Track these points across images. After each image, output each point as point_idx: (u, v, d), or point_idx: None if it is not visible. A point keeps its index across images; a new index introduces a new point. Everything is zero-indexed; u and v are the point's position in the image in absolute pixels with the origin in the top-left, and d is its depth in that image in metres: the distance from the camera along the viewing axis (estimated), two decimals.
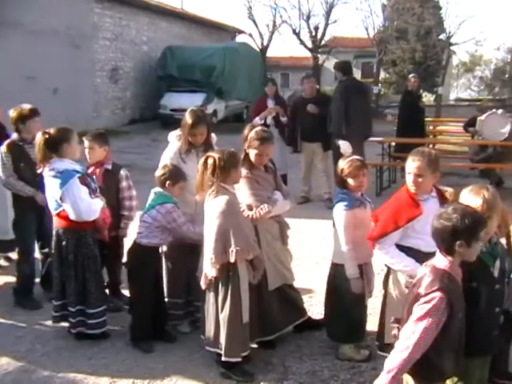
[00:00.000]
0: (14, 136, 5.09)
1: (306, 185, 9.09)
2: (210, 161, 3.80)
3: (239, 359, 3.89)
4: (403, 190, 3.64)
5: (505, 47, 29.16)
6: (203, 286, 3.95)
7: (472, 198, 2.87)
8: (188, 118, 4.46)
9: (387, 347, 3.68)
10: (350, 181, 3.95)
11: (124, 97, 21.02)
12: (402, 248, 3.60)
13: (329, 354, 4.23)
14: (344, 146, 7.78)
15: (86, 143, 4.79)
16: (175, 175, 4.33)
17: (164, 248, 4.52)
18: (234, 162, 3.86)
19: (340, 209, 3.95)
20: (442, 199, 3.59)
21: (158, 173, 4.36)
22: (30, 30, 16.08)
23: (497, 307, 2.94)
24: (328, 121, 8.14)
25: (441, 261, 2.69)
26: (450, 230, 2.59)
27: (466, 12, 39.60)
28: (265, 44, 28.90)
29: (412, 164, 3.48)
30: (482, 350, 2.95)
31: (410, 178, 3.51)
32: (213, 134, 4.68)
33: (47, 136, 4.27)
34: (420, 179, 3.47)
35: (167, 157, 4.55)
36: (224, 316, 3.83)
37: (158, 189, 4.37)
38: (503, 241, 3.16)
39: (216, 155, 3.82)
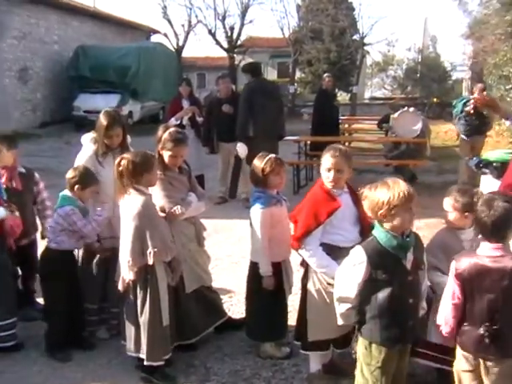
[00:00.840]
0: None
1: (223, 185, 9.11)
2: (123, 163, 3.74)
3: (161, 363, 3.84)
4: (317, 186, 3.68)
5: (415, 48, 30.33)
6: (121, 290, 3.87)
7: (385, 192, 2.92)
8: (103, 120, 4.34)
9: (310, 345, 3.76)
10: (273, 178, 3.96)
11: (34, 98, 20.21)
12: (320, 245, 3.62)
13: (250, 353, 4.24)
14: (240, 148, 7.84)
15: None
16: (85, 179, 4.20)
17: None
18: (148, 164, 3.80)
19: (257, 207, 3.96)
20: (354, 195, 3.66)
21: (69, 175, 4.22)
22: None
23: (411, 298, 3.01)
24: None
25: None
26: None
27: (379, 13, 40.96)
28: (180, 44, 28.70)
29: (331, 160, 3.53)
30: (397, 340, 3.02)
31: (329, 174, 3.54)
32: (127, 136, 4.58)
33: None
34: (340, 174, 3.54)
35: (82, 160, 4.40)
36: (144, 319, 3.77)
37: (65, 192, 4.24)
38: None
39: (129, 157, 3.76)
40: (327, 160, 3.56)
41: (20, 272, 4.83)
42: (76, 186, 4.18)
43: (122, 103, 18.86)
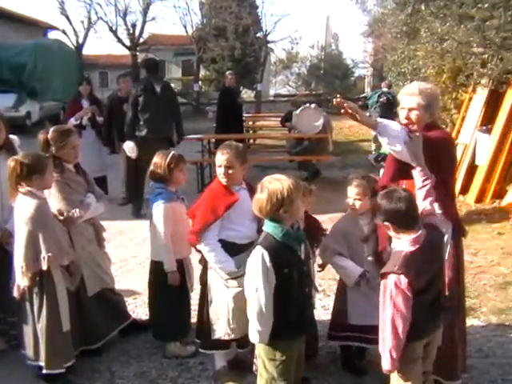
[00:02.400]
0: None
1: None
2: (12, 164, 3.65)
3: (62, 370, 3.75)
4: (215, 182, 3.75)
5: (318, 45, 31.05)
6: (16, 297, 3.74)
7: (276, 184, 2.96)
8: None
9: (211, 344, 3.77)
10: (177, 174, 4.00)
11: None
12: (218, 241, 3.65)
13: (156, 354, 4.22)
14: (128, 147, 7.74)
15: None
16: None
17: None
18: (40, 166, 3.70)
19: (159, 202, 3.96)
20: (252, 191, 3.73)
21: None
22: None
23: (306, 287, 3.11)
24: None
25: None
26: None
27: (282, 11, 41.63)
28: (80, 41, 27.82)
29: (221, 157, 3.60)
30: (299, 330, 3.10)
31: (220, 171, 3.62)
32: (15, 137, 4.41)
33: None
34: (230, 171, 3.59)
35: None
36: (42, 326, 3.68)
37: None
38: None
39: (19, 158, 3.66)
40: (218, 157, 3.64)
41: None
42: None
43: (18, 103, 18.00)
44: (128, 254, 6.52)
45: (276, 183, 2.93)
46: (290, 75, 31.85)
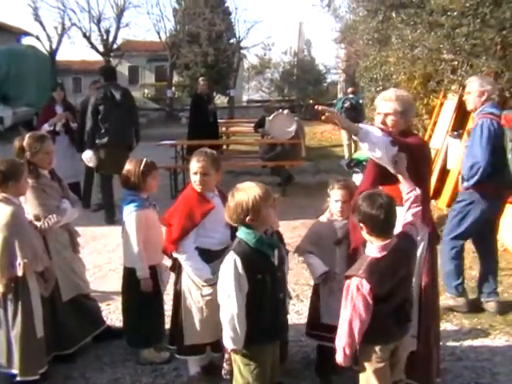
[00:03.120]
0: None
1: (99, 192, 8.88)
2: None
3: (36, 377, 3.73)
4: (188, 189, 3.74)
5: (291, 51, 31.14)
6: None
7: (242, 194, 3.00)
8: None
9: (186, 350, 3.77)
10: (150, 181, 4.00)
11: None
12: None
13: (130, 361, 4.21)
14: (87, 156, 7.73)
15: None
16: None
17: None
18: (15, 172, 3.70)
19: (131, 210, 3.95)
20: (224, 198, 3.75)
21: None
22: None
23: (280, 293, 3.12)
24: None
25: None
26: None
27: (255, 18, 41.75)
28: (54, 47, 27.59)
29: (197, 164, 3.60)
30: (273, 336, 3.12)
31: (195, 178, 3.62)
32: None
33: None
34: (206, 178, 3.61)
35: None
36: (16, 333, 3.66)
37: None
38: None
39: None
40: (193, 164, 3.63)
41: None
42: None
43: None
44: (102, 259, 6.49)
45: (242, 193, 2.98)
46: (263, 81, 31.83)
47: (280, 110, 10.60)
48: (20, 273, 3.59)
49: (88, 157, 7.71)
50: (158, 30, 28.24)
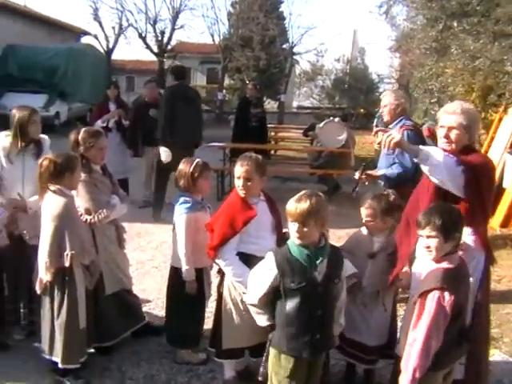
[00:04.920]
0: None
1: (147, 189, 9.04)
2: (45, 163, 3.72)
3: (77, 366, 3.79)
4: (233, 195, 3.69)
5: (344, 58, 30.95)
6: (38, 291, 3.80)
7: (293, 204, 2.96)
8: (20, 114, 4.30)
9: (224, 353, 3.76)
10: (201, 182, 3.98)
11: None
12: (237, 254, 3.60)
13: (166, 358, 4.23)
14: (164, 153, 7.77)
15: None
16: None
17: None
18: (71, 166, 3.79)
19: (182, 211, 3.95)
20: (270, 203, 3.73)
21: None
22: None
23: (319, 310, 3.00)
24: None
25: None
26: None
27: (309, 24, 41.53)
28: (110, 47, 28.25)
29: (240, 169, 3.55)
30: (303, 351, 3.01)
31: (239, 182, 3.57)
32: (46, 137, 4.51)
33: None
34: (249, 183, 3.55)
35: None
36: (60, 322, 3.72)
37: None
38: None
39: (51, 157, 3.75)
40: (237, 168, 3.58)
41: None
42: None
43: (49, 103, 18.52)
44: (145, 256, 6.56)
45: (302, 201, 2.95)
46: (314, 88, 31.69)
47: (331, 118, 10.51)
48: (67, 263, 3.64)
49: (165, 154, 7.77)
50: (211, 33, 28.50)
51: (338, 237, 6.92)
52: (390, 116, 5.22)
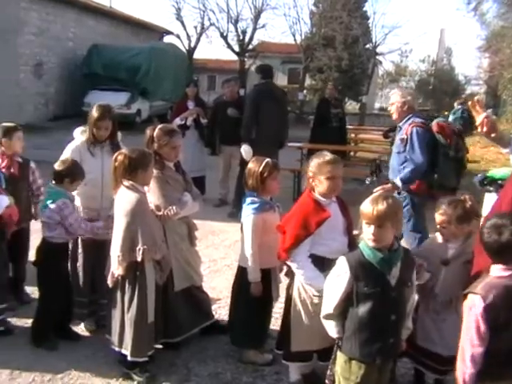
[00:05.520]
0: None
1: (223, 188, 9.11)
2: (120, 158, 3.78)
3: (145, 359, 3.86)
4: (305, 196, 3.63)
5: (429, 59, 30.15)
6: (110, 284, 3.89)
7: (369, 205, 2.89)
8: (94, 112, 4.44)
9: (292, 356, 3.72)
10: (270, 183, 3.92)
11: (48, 92, 20.48)
12: (309, 256, 3.55)
13: (232, 357, 4.23)
14: (245, 150, 7.74)
15: (21, 135, 4.80)
16: (75, 172, 4.22)
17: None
18: (145, 162, 3.83)
19: (249, 212, 3.92)
20: (342, 204, 3.66)
21: (58, 168, 4.23)
22: None
23: (393, 315, 2.93)
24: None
25: None
26: None
27: (393, 23, 40.62)
28: (192, 46, 28.81)
29: (340, 167, 3.53)
30: (376, 357, 2.96)
31: (335, 183, 3.51)
32: (118, 132, 4.63)
33: None
34: (339, 182, 3.54)
35: (68, 151, 4.49)
36: (130, 316, 3.79)
37: (52, 185, 4.26)
38: None
39: (126, 153, 3.80)
40: (337, 168, 3.53)
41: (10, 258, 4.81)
42: (65, 180, 4.19)
43: (131, 101, 19.12)
44: (218, 254, 6.60)
45: (378, 203, 2.88)
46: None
47: None
48: (139, 258, 3.70)
49: (246, 150, 7.78)
50: (293, 33, 28.51)
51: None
52: (397, 114, 5.30)
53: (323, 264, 3.47)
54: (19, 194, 4.71)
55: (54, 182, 4.24)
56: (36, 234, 4.76)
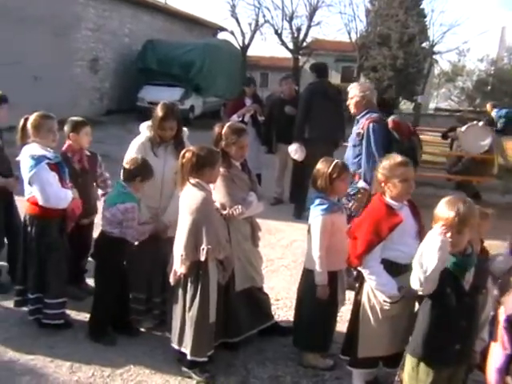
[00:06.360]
0: None
1: (279, 186, 9.04)
2: (187, 155, 3.76)
3: (204, 359, 3.82)
4: (376, 200, 3.54)
5: (488, 59, 29.36)
6: (172, 283, 3.88)
7: (446, 209, 2.81)
8: (159, 111, 4.37)
9: (358, 362, 3.64)
10: (338, 184, 3.86)
11: (103, 87, 20.82)
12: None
13: (292, 360, 4.16)
14: (294, 149, 7.67)
15: (89, 130, 4.86)
16: (146, 172, 4.20)
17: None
18: (212, 161, 3.79)
19: (318, 213, 3.84)
20: (414, 208, 3.54)
21: (128, 165, 4.21)
22: (17, 17, 15.66)
23: (464, 321, 2.89)
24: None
25: None
26: None
27: (451, 21, 39.68)
28: (246, 43, 28.88)
29: (412, 169, 3.45)
30: (443, 361, 2.92)
31: (409, 186, 3.43)
32: (184, 128, 4.59)
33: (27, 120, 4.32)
34: (412, 184, 3.45)
35: (134, 147, 4.45)
36: (192, 315, 3.77)
37: (122, 183, 4.25)
38: None
39: (194, 150, 3.77)
40: (409, 171, 3.44)
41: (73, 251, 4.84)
42: (137, 178, 4.18)
43: (184, 97, 19.22)
44: (274, 254, 6.54)
45: (456, 206, 2.80)
46: (453, 89, 30.36)
47: (475, 122, 9.93)
48: (203, 258, 3.66)
49: (293, 150, 7.74)
50: (348, 30, 28.27)
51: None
52: (356, 108, 5.46)
53: (395, 269, 3.40)
54: (88, 188, 4.81)
55: (124, 180, 4.23)
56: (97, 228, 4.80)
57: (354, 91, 5.49)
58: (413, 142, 5.62)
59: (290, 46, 28.45)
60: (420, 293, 2.91)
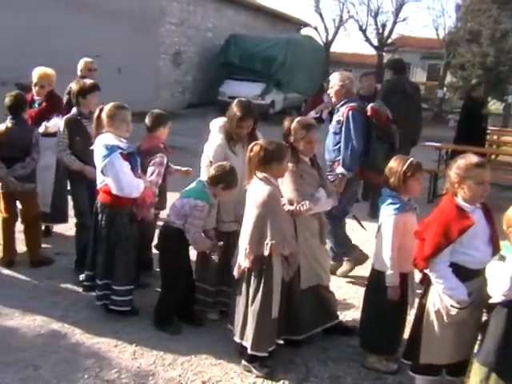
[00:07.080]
0: (74, 110, 5.26)
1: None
2: (256, 149, 3.75)
3: (265, 354, 3.81)
4: (446, 201, 3.38)
5: None
6: (236, 276, 3.88)
7: None
8: (236, 110, 4.34)
9: (421, 368, 3.51)
10: (412, 183, 3.73)
11: (185, 81, 21.27)
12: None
13: (354, 361, 4.07)
14: None
15: (170, 125, 5.01)
16: (231, 181, 4.20)
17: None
18: (280, 155, 3.77)
19: (390, 212, 3.72)
20: (487, 211, 3.36)
21: (216, 172, 4.21)
22: (103, 11, 16.22)
23: None
24: None
25: None
26: None
27: None
28: (329, 39, 28.62)
29: (489, 171, 3.29)
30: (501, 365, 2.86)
31: (485, 188, 3.27)
32: (259, 134, 4.52)
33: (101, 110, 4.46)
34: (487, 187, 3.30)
35: (211, 150, 4.43)
36: (254, 309, 3.76)
37: (204, 182, 4.29)
38: None
39: (262, 144, 3.76)
40: (487, 172, 3.28)
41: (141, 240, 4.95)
42: (219, 185, 4.20)
43: (265, 92, 19.32)
44: None
45: None
46: None
47: None
48: (266, 253, 3.64)
49: None
50: (436, 27, 27.55)
51: None
52: (336, 97, 5.54)
53: (464, 274, 3.25)
54: (163, 181, 4.90)
55: (207, 183, 4.26)
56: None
57: (334, 80, 5.56)
58: (391, 129, 5.65)
59: (375, 42, 28.03)
60: (492, 300, 2.78)
